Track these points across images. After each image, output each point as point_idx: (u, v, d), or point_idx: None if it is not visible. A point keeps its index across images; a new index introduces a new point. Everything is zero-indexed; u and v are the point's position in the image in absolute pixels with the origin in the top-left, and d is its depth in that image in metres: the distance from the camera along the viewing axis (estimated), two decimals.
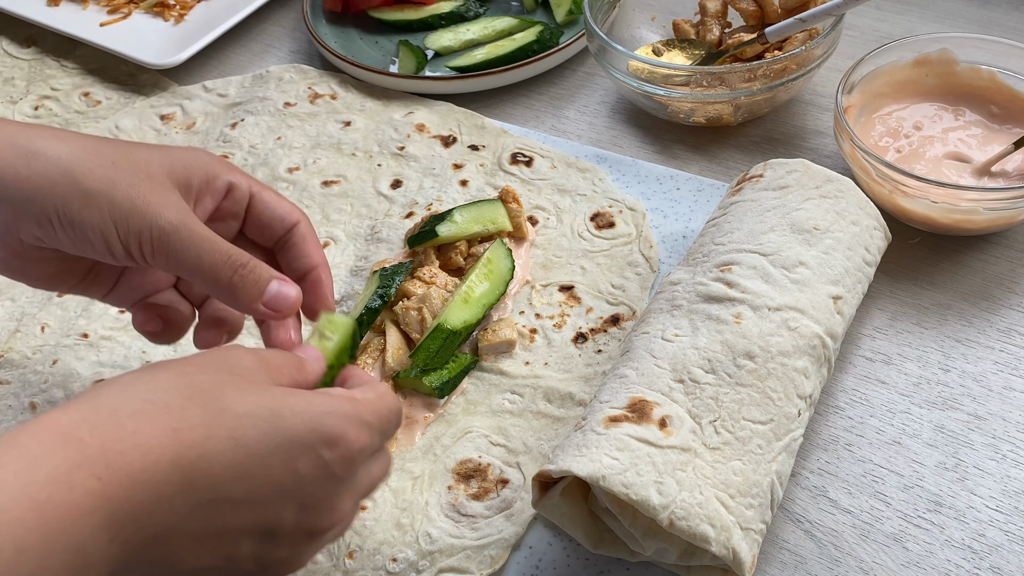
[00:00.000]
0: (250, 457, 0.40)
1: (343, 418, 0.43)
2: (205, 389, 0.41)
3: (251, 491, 0.40)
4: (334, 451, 0.42)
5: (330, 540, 0.47)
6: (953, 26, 0.89)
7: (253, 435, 0.40)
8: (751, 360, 0.54)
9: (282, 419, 0.41)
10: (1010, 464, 0.58)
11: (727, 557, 0.49)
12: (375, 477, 0.47)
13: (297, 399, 0.43)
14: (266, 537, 0.42)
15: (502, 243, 0.71)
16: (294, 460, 0.41)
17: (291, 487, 0.41)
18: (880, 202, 0.69)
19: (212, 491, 0.39)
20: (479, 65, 0.89)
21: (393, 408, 0.47)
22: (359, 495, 0.46)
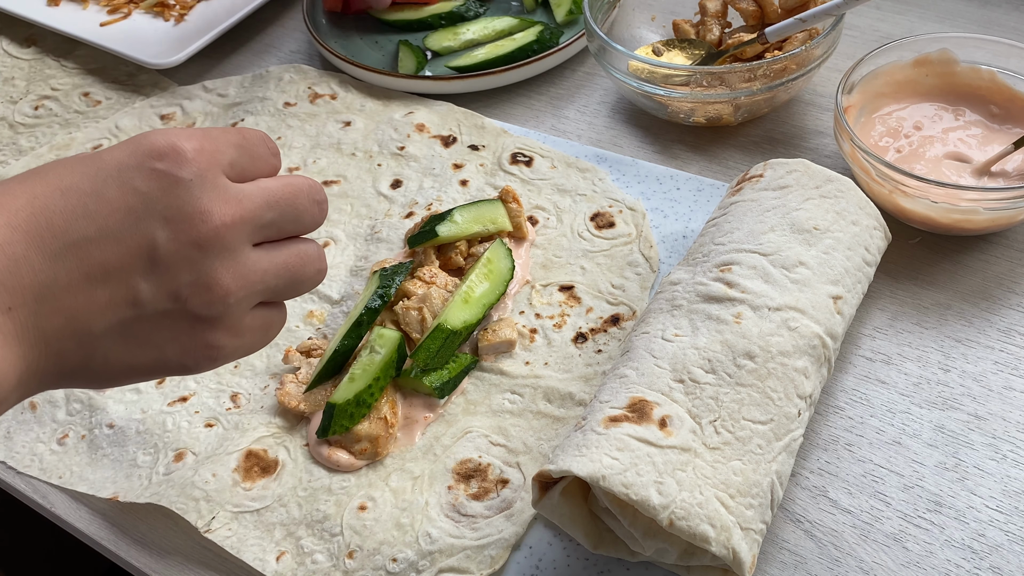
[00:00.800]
0: (83, 196, 0.40)
1: (164, 133, 0.42)
2: (28, 172, 0.41)
3: (103, 226, 0.40)
4: (166, 160, 0.41)
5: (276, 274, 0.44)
6: (953, 26, 0.90)
7: (77, 179, 0.40)
8: (751, 360, 0.54)
9: (100, 158, 0.41)
10: (1010, 464, 0.58)
11: (727, 557, 0.49)
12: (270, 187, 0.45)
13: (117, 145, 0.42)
14: (152, 265, 0.41)
15: (502, 243, 0.71)
16: (129, 182, 0.40)
17: (141, 207, 0.40)
18: (880, 202, 0.69)
19: (62, 238, 0.39)
20: (479, 65, 0.89)
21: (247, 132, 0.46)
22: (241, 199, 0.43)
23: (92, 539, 0.62)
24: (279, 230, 0.45)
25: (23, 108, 0.95)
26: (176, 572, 0.59)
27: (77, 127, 0.92)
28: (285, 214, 0.45)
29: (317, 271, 0.47)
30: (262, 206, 0.44)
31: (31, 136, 0.91)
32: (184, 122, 0.91)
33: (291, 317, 0.71)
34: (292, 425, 0.65)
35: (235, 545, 0.58)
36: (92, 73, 0.98)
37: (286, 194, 0.45)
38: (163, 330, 0.42)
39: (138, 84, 0.96)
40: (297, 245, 0.46)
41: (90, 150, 0.88)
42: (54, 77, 0.98)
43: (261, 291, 0.44)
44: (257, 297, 0.44)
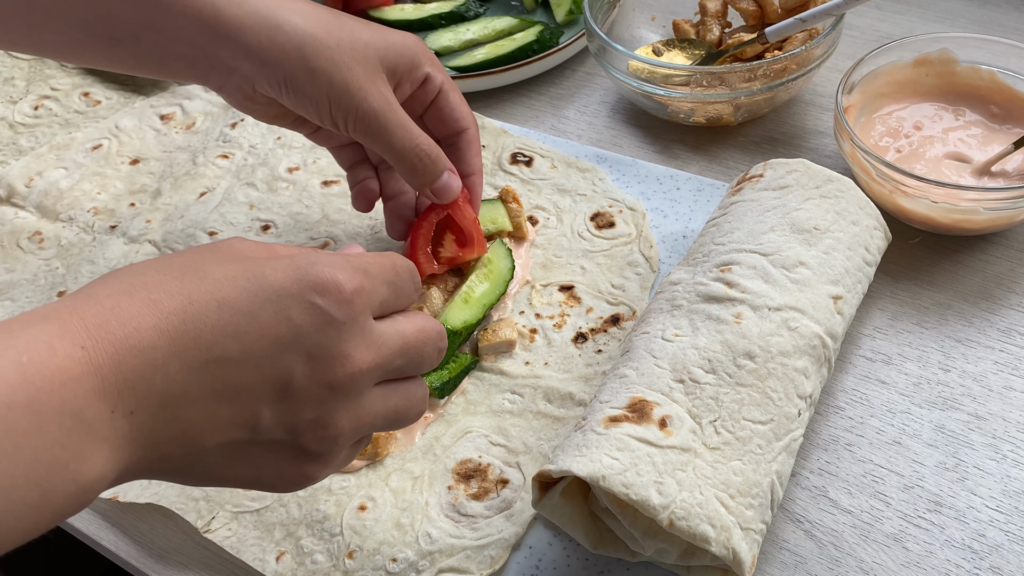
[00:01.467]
0: (237, 315, 0.39)
1: (330, 265, 0.42)
2: (184, 265, 0.41)
3: (248, 348, 0.39)
4: (326, 296, 0.41)
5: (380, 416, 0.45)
6: (953, 26, 0.90)
7: (236, 294, 0.40)
8: (751, 360, 0.54)
9: (264, 276, 0.40)
10: (1010, 464, 0.58)
11: (727, 557, 0.48)
12: (407, 334, 0.45)
13: (280, 259, 0.42)
14: (282, 396, 0.41)
15: (502, 243, 0.71)
16: (286, 310, 0.40)
17: (290, 338, 0.40)
18: (880, 202, 0.69)
19: (206, 352, 0.38)
20: (479, 65, 0.89)
21: (398, 264, 0.46)
22: (383, 347, 0.44)
23: (92, 539, 0.61)
24: (401, 373, 0.46)
25: (23, 108, 0.95)
26: (176, 572, 0.59)
27: (77, 127, 0.92)
28: (412, 361, 0.46)
29: (418, 413, 0.48)
30: (396, 353, 0.45)
31: (31, 136, 0.91)
32: (184, 122, 0.91)
33: None
34: None
35: (235, 545, 0.58)
36: (92, 73, 0.98)
37: (418, 341, 0.46)
38: (269, 455, 0.42)
39: (138, 84, 0.96)
40: (409, 388, 0.47)
41: (90, 150, 0.88)
42: (54, 77, 0.98)
43: (367, 431, 0.45)
44: (360, 435, 0.45)
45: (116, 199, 0.84)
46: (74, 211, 0.83)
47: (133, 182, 0.85)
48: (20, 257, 0.79)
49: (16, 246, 0.80)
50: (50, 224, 0.82)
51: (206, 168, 0.84)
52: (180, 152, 0.88)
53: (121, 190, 0.85)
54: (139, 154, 0.88)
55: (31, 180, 0.86)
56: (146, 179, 0.86)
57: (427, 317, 0.47)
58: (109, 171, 0.87)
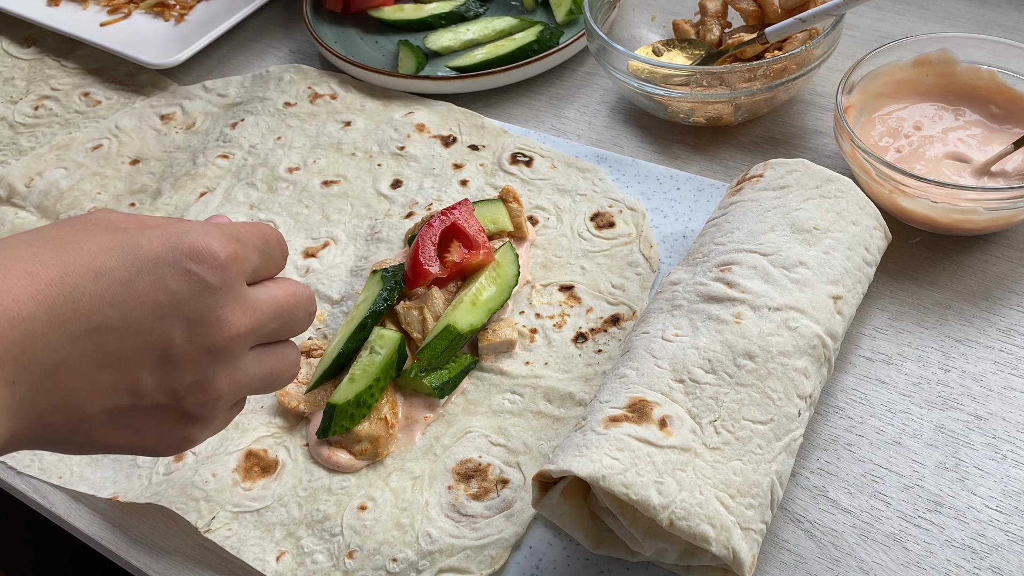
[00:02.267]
0: (115, 283, 0.40)
1: (203, 233, 0.42)
2: (58, 237, 0.41)
3: (126, 316, 0.40)
4: (201, 263, 0.41)
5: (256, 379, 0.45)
6: (953, 26, 0.90)
7: (111, 264, 0.40)
8: (751, 360, 0.54)
9: (139, 246, 0.41)
10: (1010, 464, 0.58)
11: (727, 557, 0.49)
12: (279, 298, 0.46)
13: (153, 228, 0.42)
14: (162, 361, 0.41)
15: (511, 247, 0.71)
16: (162, 278, 0.41)
17: (167, 305, 0.41)
18: (880, 202, 0.69)
19: (85, 321, 0.39)
20: (479, 65, 0.89)
21: (268, 232, 0.47)
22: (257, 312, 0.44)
23: (92, 539, 0.62)
24: (275, 337, 0.47)
25: (23, 108, 0.95)
26: (176, 572, 0.59)
27: (77, 127, 0.92)
28: (285, 324, 0.47)
29: (291, 375, 0.49)
30: (270, 317, 0.45)
31: (31, 136, 0.91)
32: (184, 122, 0.91)
33: None
34: (292, 425, 0.65)
35: (235, 545, 0.58)
36: (92, 73, 0.98)
37: (290, 305, 0.47)
38: (150, 420, 0.43)
39: (138, 84, 0.96)
40: (283, 351, 0.48)
41: (90, 150, 0.88)
42: (54, 77, 0.98)
43: (244, 393, 0.46)
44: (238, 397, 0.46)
45: (116, 199, 0.84)
46: (74, 211, 0.83)
47: (133, 182, 0.85)
48: None
49: None
50: None
51: (206, 168, 0.84)
52: (180, 152, 0.88)
53: (121, 190, 0.85)
54: (139, 154, 0.88)
55: (31, 180, 0.86)
56: (146, 179, 0.86)
57: (296, 283, 0.48)
58: (109, 171, 0.87)
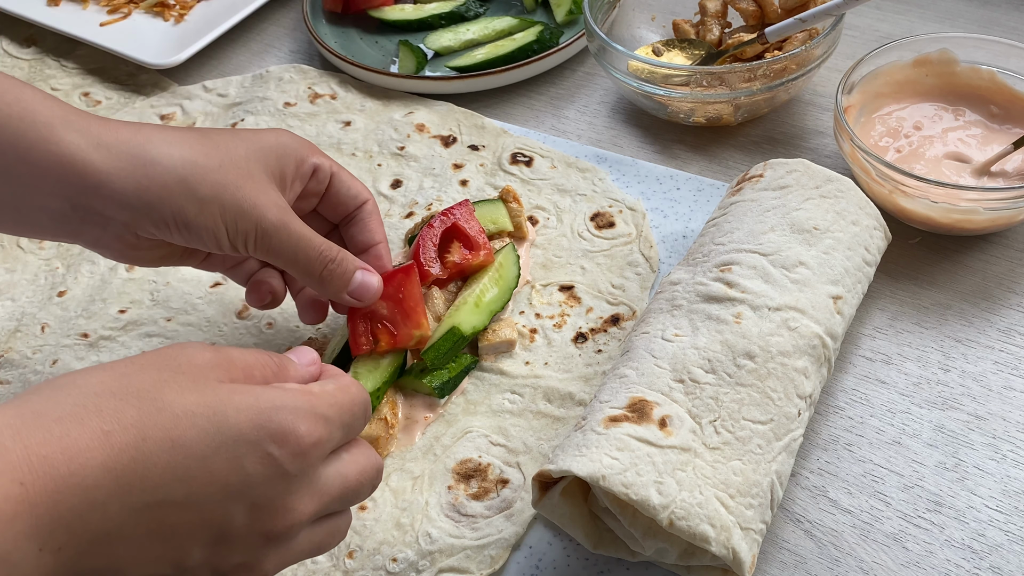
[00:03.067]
0: (190, 458, 0.38)
1: (293, 412, 0.41)
2: (142, 389, 0.39)
3: (193, 493, 0.38)
4: (284, 447, 0.40)
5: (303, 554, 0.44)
6: (953, 26, 0.90)
7: (193, 435, 0.38)
8: (751, 360, 0.54)
9: (225, 417, 0.39)
10: (1010, 464, 0.58)
11: (727, 557, 0.49)
12: (348, 475, 0.44)
13: (244, 395, 0.40)
14: (216, 541, 0.40)
15: (513, 249, 0.71)
16: (240, 459, 0.39)
17: (238, 487, 0.39)
18: (880, 202, 0.69)
19: (150, 495, 0.37)
20: (479, 65, 0.89)
21: (357, 399, 0.45)
22: (324, 495, 0.43)
23: None
24: (333, 511, 0.45)
25: None
26: None
27: None
28: (347, 502, 0.45)
29: (337, 543, 0.47)
30: (336, 499, 0.44)
31: None
32: (184, 122, 0.91)
33: (291, 317, 0.72)
34: None
35: None
36: (92, 73, 0.98)
37: (358, 484, 0.45)
38: None
39: (138, 84, 0.96)
40: (336, 523, 0.46)
41: None
42: (54, 77, 0.98)
43: (288, 566, 0.44)
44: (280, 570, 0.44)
45: None
46: None
47: None
48: (20, 257, 0.79)
49: (16, 246, 0.80)
50: None
51: None
52: None
53: None
54: None
55: None
56: None
57: (368, 453, 0.46)
58: None
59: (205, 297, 0.74)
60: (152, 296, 0.74)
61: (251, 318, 0.72)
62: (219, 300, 0.73)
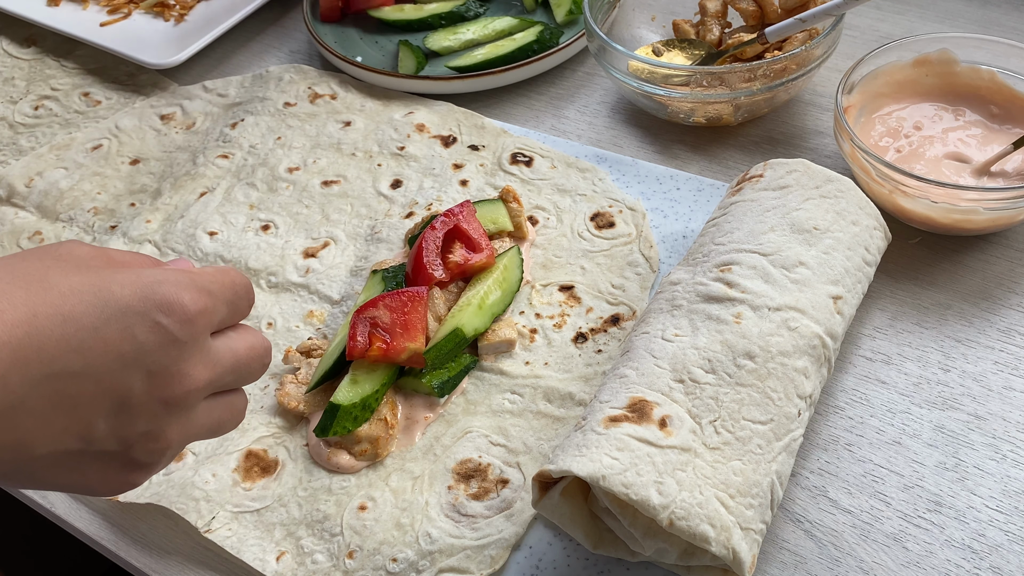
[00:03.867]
0: (82, 330, 0.39)
1: (175, 284, 0.42)
2: (27, 273, 0.40)
3: (90, 363, 0.39)
4: (171, 316, 0.41)
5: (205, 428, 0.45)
6: (953, 26, 0.89)
7: (81, 308, 0.39)
8: (751, 360, 0.54)
9: (110, 291, 0.40)
10: (1010, 464, 0.58)
11: (727, 557, 0.49)
12: (238, 350, 0.46)
13: (126, 273, 0.42)
14: (118, 410, 0.41)
15: (518, 252, 0.71)
16: (130, 328, 0.40)
17: (132, 355, 0.40)
18: (880, 202, 0.69)
19: (47, 366, 0.38)
20: (479, 65, 0.89)
21: (237, 281, 0.46)
22: (216, 365, 0.44)
23: (92, 539, 0.62)
24: (228, 387, 0.47)
25: (23, 108, 0.95)
26: (176, 572, 0.59)
27: (77, 127, 0.92)
28: (240, 376, 0.47)
29: (237, 423, 0.48)
30: (228, 369, 0.45)
31: (31, 136, 0.91)
32: (184, 122, 0.91)
33: (291, 317, 0.72)
34: (292, 425, 0.65)
35: (235, 545, 0.58)
36: (92, 73, 0.98)
37: (248, 358, 0.46)
38: (96, 464, 0.42)
39: (138, 84, 0.96)
40: (232, 400, 0.47)
41: (90, 150, 0.88)
42: (54, 77, 0.98)
43: (191, 441, 0.46)
44: (184, 445, 0.46)
45: (116, 199, 0.84)
46: (74, 211, 0.83)
47: (133, 182, 0.85)
48: None
49: (16, 246, 0.80)
50: (50, 224, 0.82)
51: (206, 168, 0.84)
52: (180, 152, 0.88)
53: (121, 190, 0.85)
54: (139, 154, 0.88)
55: (31, 180, 0.86)
56: (146, 179, 0.86)
57: (256, 334, 0.47)
58: (109, 171, 0.87)
59: None
60: None
61: (251, 318, 0.72)
62: None
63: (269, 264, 0.75)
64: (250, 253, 0.76)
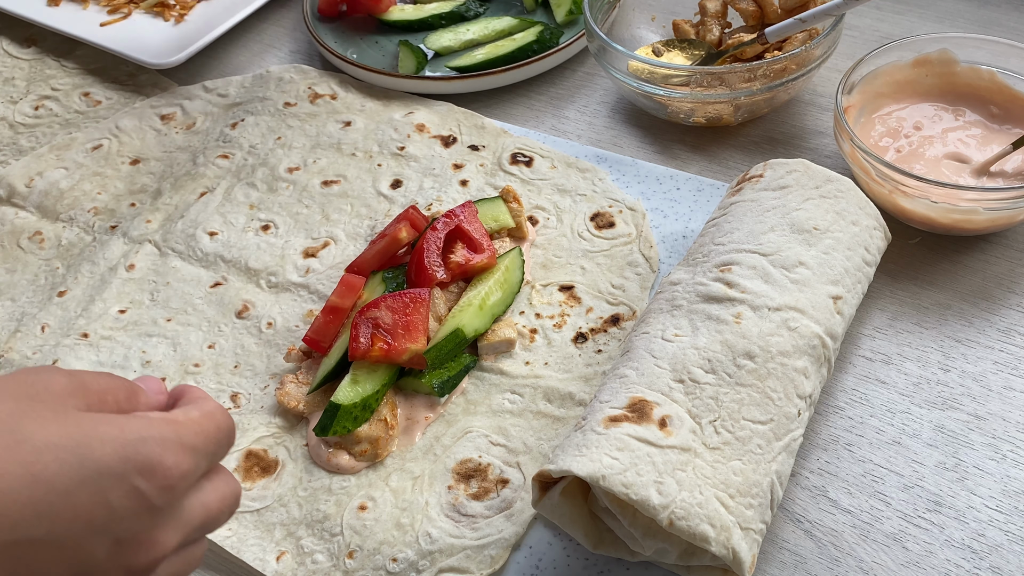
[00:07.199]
0: (51, 493, 0.36)
1: (160, 443, 0.39)
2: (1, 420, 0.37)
3: (56, 529, 0.36)
4: (151, 480, 0.38)
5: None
6: (953, 26, 0.90)
7: (55, 468, 0.36)
8: (751, 360, 0.54)
9: (90, 449, 0.37)
10: (1010, 464, 0.58)
11: (727, 557, 0.49)
12: (210, 505, 0.43)
13: (108, 426, 0.39)
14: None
15: (520, 253, 0.71)
16: (104, 492, 0.37)
17: (102, 522, 0.37)
18: (880, 202, 0.69)
19: (8, 533, 0.35)
20: (479, 65, 0.89)
21: (222, 426, 0.43)
22: (187, 526, 0.41)
23: None
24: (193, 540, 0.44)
25: (23, 108, 0.95)
26: None
27: (77, 127, 0.92)
28: (207, 530, 0.44)
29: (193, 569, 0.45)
30: (197, 527, 0.42)
31: (31, 136, 0.91)
32: (184, 122, 0.91)
33: (291, 317, 0.72)
34: (292, 425, 0.65)
35: (235, 545, 0.58)
36: (92, 73, 0.98)
37: (218, 511, 0.44)
38: None
39: (138, 84, 0.96)
40: (193, 551, 0.44)
41: (90, 150, 0.88)
42: (54, 77, 0.98)
43: None
44: None
45: (116, 199, 0.84)
46: (74, 211, 0.83)
47: (133, 182, 0.85)
48: (20, 257, 0.79)
49: (16, 246, 0.80)
50: (50, 224, 0.82)
51: (206, 168, 0.84)
52: (180, 152, 0.88)
53: (121, 190, 0.85)
54: (139, 154, 0.88)
55: (31, 180, 0.86)
56: (146, 179, 0.86)
57: (227, 477, 0.44)
58: (109, 171, 0.87)
59: (205, 297, 0.74)
60: (152, 296, 0.74)
61: (251, 318, 0.72)
62: (219, 300, 0.73)
63: (269, 264, 0.75)
64: (250, 253, 0.76)
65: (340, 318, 0.66)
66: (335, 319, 0.66)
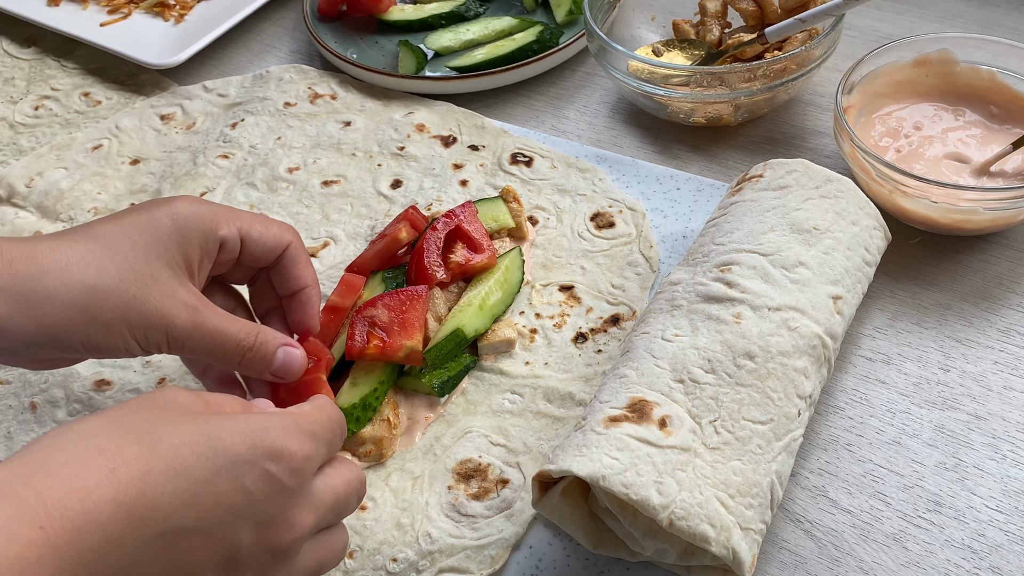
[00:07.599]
0: (194, 483, 0.40)
1: (283, 430, 0.43)
2: (137, 426, 0.40)
3: (201, 517, 0.40)
4: (279, 463, 0.42)
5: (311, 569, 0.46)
6: (953, 26, 0.90)
7: (193, 461, 0.40)
8: (751, 360, 0.54)
9: (220, 441, 0.41)
10: (1010, 464, 0.58)
11: (727, 557, 0.49)
12: (337, 488, 0.46)
13: (233, 420, 0.42)
14: (228, 564, 0.41)
15: (520, 253, 0.71)
16: (240, 478, 0.41)
17: (242, 507, 0.41)
18: (880, 202, 0.69)
19: (161, 524, 0.38)
20: (479, 65, 0.89)
21: (334, 417, 0.48)
22: (320, 507, 0.45)
23: None
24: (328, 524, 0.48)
25: (23, 108, 0.95)
26: None
27: (77, 127, 0.92)
28: (339, 513, 0.48)
29: (339, 561, 0.49)
30: (329, 509, 0.46)
31: (31, 136, 0.91)
32: (184, 122, 0.91)
33: None
34: None
35: None
36: (92, 73, 0.98)
37: (346, 494, 0.47)
38: None
39: (138, 84, 0.96)
40: (334, 539, 0.48)
41: (90, 150, 0.88)
42: (54, 77, 0.98)
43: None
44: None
45: (116, 199, 0.84)
46: (74, 211, 0.83)
47: (133, 182, 0.85)
48: None
49: None
50: (50, 224, 0.82)
51: (206, 168, 0.85)
52: (180, 152, 0.88)
53: (121, 190, 0.85)
54: (139, 154, 0.88)
55: (31, 180, 0.86)
56: (146, 179, 0.86)
57: (351, 466, 0.48)
58: (109, 171, 0.87)
59: None
60: None
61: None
62: None
63: None
64: None
65: (340, 318, 0.66)
66: (335, 319, 0.66)
